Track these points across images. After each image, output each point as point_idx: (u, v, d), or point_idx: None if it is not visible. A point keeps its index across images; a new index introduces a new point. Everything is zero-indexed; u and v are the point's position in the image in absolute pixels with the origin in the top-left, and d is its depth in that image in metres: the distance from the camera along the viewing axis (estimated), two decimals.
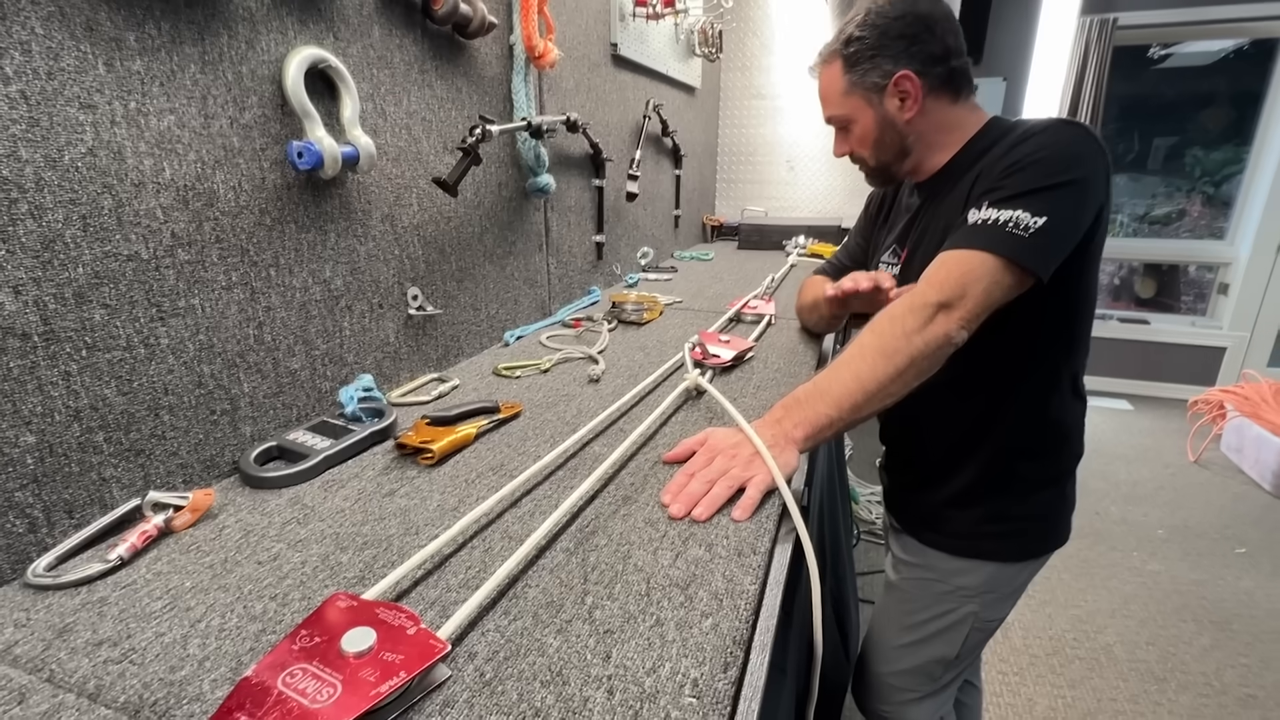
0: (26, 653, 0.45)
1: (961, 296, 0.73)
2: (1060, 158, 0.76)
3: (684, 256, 2.28)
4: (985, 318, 0.76)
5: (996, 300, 0.74)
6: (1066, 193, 0.74)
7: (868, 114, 0.92)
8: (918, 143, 0.92)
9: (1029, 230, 0.73)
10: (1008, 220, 0.74)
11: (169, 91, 0.61)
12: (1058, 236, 0.74)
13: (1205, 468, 2.93)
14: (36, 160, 0.52)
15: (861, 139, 0.94)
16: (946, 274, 0.75)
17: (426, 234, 0.99)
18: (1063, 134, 0.78)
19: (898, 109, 0.89)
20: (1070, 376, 0.90)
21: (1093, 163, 0.76)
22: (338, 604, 0.46)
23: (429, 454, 0.73)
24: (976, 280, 0.74)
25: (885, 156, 0.95)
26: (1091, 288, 0.86)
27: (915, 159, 0.94)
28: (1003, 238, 0.74)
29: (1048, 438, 0.92)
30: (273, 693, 0.39)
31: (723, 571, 0.55)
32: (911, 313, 0.74)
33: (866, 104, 0.91)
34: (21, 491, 0.53)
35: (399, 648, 0.42)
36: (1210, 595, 2.06)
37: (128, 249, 0.59)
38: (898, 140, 0.92)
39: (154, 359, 0.62)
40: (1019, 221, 0.73)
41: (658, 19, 1.68)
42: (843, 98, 0.93)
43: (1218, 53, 3.61)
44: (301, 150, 0.72)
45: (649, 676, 0.43)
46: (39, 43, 0.51)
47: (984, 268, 0.74)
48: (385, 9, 0.86)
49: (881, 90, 0.89)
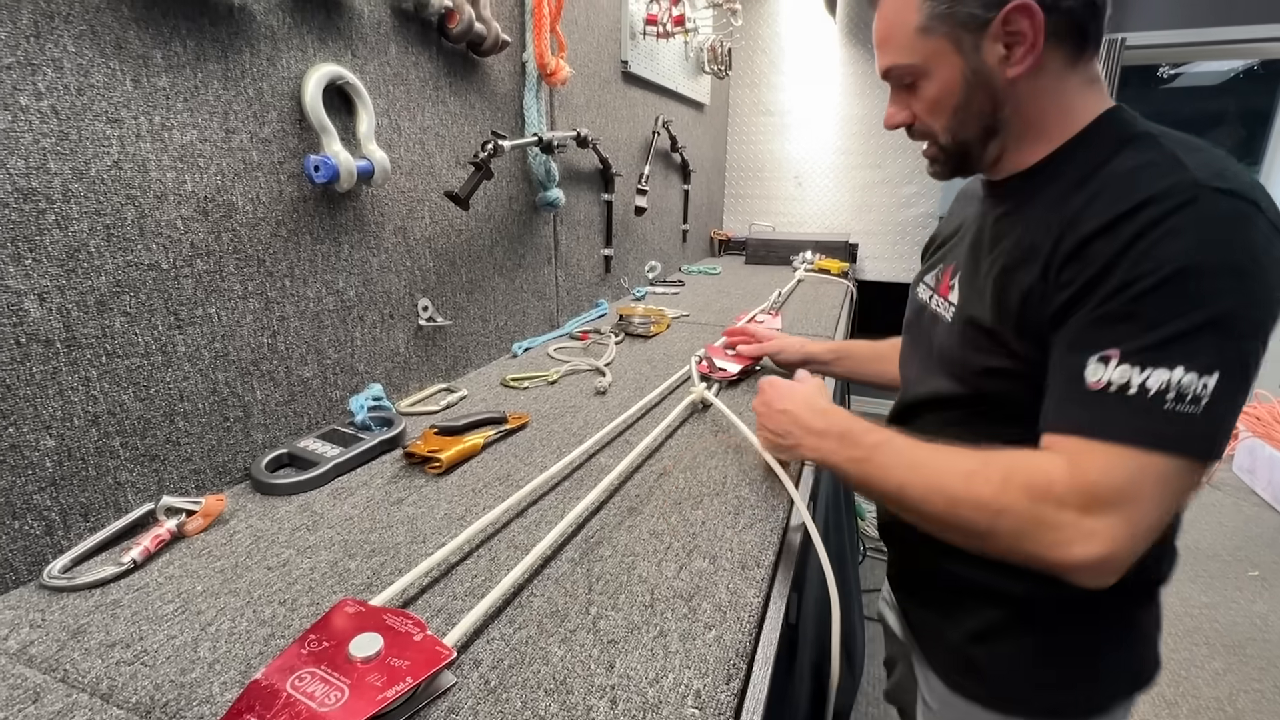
0: (41, 653, 0.46)
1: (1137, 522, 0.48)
2: (1229, 268, 0.48)
3: (691, 271, 2.29)
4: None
5: (1172, 513, 0.51)
6: (1243, 325, 0.48)
7: (953, 64, 0.61)
8: (1014, 118, 0.61)
9: (1201, 401, 0.47)
10: (1163, 389, 0.47)
11: (192, 107, 0.63)
12: (1233, 402, 0.48)
13: (1217, 488, 2.89)
14: (65, 172, 0.53)
15: (936, 102, 0.64)
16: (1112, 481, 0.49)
17: (438, 246, 1.01)
18: (1223, 225, 0.48)
19: (1001, 60, 0.59)
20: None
21: (1272, 265, 0.48)
22: (345, 610, 0.47)
23: (437, 463, 0.74)
24: (1156, 493, 0.48)
25: (968, 131, 0.64)
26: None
27: (1003, 144, 0.64)
28: (1166, 424, 0.48)
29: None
30: (281, 695, 0.39)
31: (726, 584, 0.55)
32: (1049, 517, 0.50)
33: (954, 48, 0.60)
34: (40, 494, 0.54)
35: (405, 653, 0.42)
36: (1223, 619, 2.03)
37: (149, 259, 0.60)
38: (990, 109, 0.62)
39: (171, 366, 0.64)
40: (1183, 390, 0.47)
41: (668, 37, 1.71)
42: (917, 37, 0.62)
43: (1227, 72, 3.61)
44: (318, 164, 0.74)
45: (652, 687, 0.44)
46: (70, 60, 0.53)
47: (1159, 474, 0.48)
48: (402, 27, 0.88)
49: (983, 28, 0.58)
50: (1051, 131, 0.61)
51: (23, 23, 0.50)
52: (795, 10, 2.66)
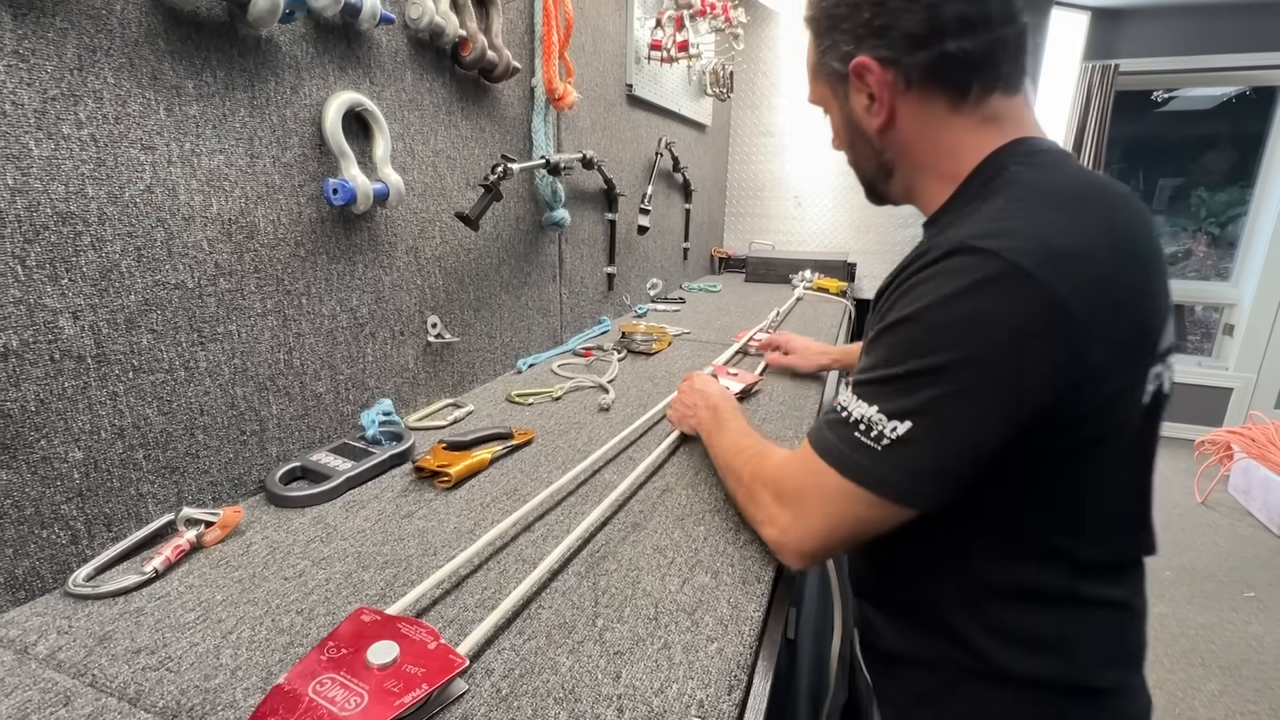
0: (70, 658, 0.47)
1: (804, 522, 0.55)
2: (944, 327, 0.48)
3: (692, 288, 2.32)
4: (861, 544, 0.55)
5: (853, 533, 0.53)
6: (947, 380, 0.47)
7: (834, 108, 0.66)
8: (900, 161, 0.63)
9: (882, 441, 0.49)
10: (859, 419, 0.51)
11: (220, 133, 0.66)
12: (925, 449, 0.48)
13: (1213, 509, 2.91)
14: (101, 197, 0.56)
15: (837, 138, 0.69)
16: (797, 480, 0.57)
17: (447, 265, 1.04)
18: (960, 283, 0.47)
19: (865, 110, 0.61)
20: (1068, 561, 0.54)
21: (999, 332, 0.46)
22: (362, 618, 0.49)
23: (446, 478, 0.76)
24: (821, 503, 0.54)
25: (865, 169, 0.68)
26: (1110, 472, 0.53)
27: (903, 183, 0.65)
28: (848, 448, 0.52)
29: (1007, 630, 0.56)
30: (303, 700, 0.41)
31: (728, 598, 0.57)
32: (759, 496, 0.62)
33: (832, 94, 0.65)
34: (67, 504, 0.56)
35: (420, 661, 0.44)
36: (1219, 639, 2.03)
37: (175, 278, 0.63)
38: (871, 153, 0.65)
39: (193, 381, 0.66)
40: (871, 424, 0.50)
41: (672, 62, 1.75)
42: (812, 80, 0.67)
43: (1220, 97, 3.68)
44: (337, 187, 0.77)
45: (657, 697, 0.45)
46: (110, 91, 0.56)
47: (829, 488, 0.53)
48: (418, 55, 0.92)
49: (844, 80, 0.61)
50: (947, 172, 0.60)
51: (68, 56, 0.53)
52: (796, 34, 2.72)
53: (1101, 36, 3.53)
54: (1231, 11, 3.33)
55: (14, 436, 0.52)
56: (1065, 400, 0.47)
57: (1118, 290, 0.47)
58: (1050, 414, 0.48)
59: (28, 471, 0.53)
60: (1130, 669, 0.58)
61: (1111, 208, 0.51)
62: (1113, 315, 0.47)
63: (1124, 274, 0.48)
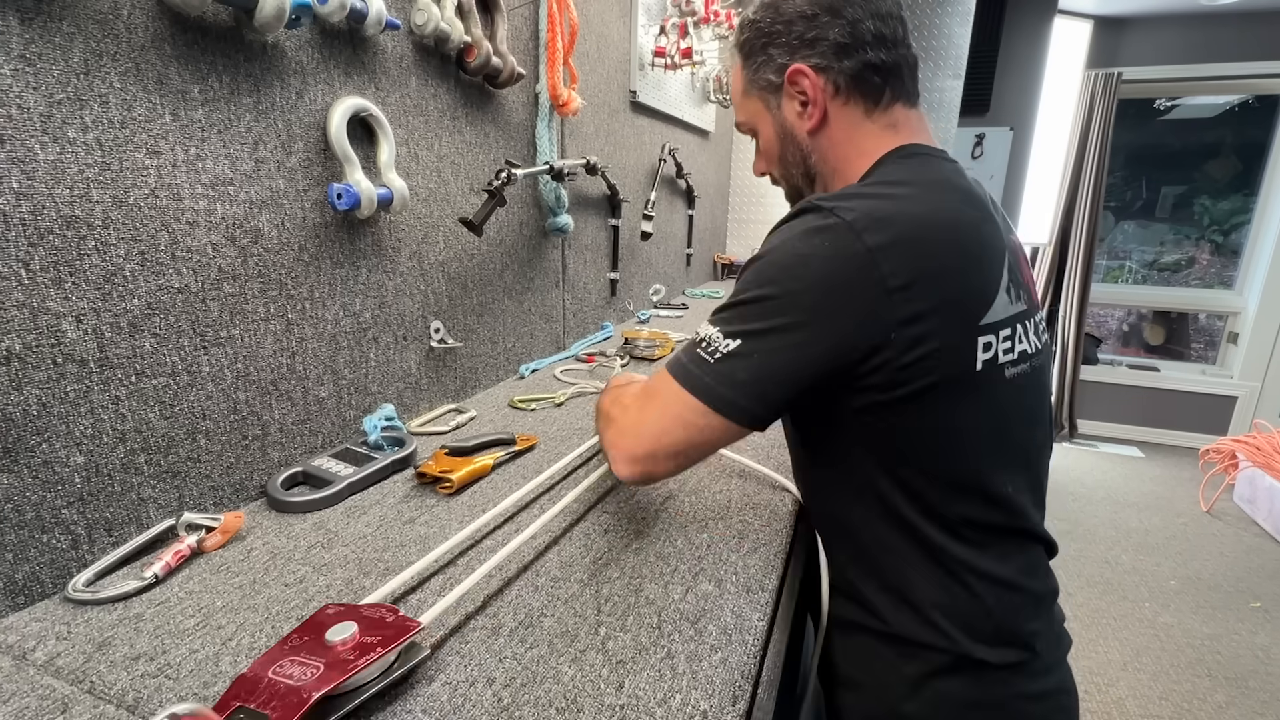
0: (68, 664, 0.47)
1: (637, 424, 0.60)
2: (780, 263, 0.56)
3: (695, 294, 2.32)
4: (685, 464, 0.61)
5: (681, 440, 0.58)
6: (772, 309, 0.54)
7: (767, 121, 0.72)
8: (822, 165, 0.70)
9: (716, 354, 0.56)
10: (704, 338, 0.58)
11: (225, 138, 0.66)
12: (748, 366, 0.55)
13: (1218, 518, 2.89)
14: (105, 201, 0.56)
15: (767, 153, 0.75)
16: (644, 392, 0.63)
17: (451, 270, 1.04)
18: (797, 230, 0.56)
19: (797, 116, 0.68)
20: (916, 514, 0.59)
21: (825, 269, 0.53)
22: (327, 612, 0.50)
23: (448, 484, 0.76)
24: (656, 407, 0.59)
25: (793, 178, 0.74)
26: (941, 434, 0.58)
27: (823, 188, 0.71)
28: (688, 360, 0.58)
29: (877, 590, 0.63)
30: (264, 681, 0.42)
31: (731, 607, 0.56)
32: (610, 412, 0.66)
33: (765, 108, 0.72)
34: (68, 509, 0.56)
35: (377, 632, 0.46)
36: (1225, 650, 2.02)
37: (179, 282, 0.63)
38: (800, 158, 0.71)
39: (195, 385, 0.66)
40: (710, 341, 0.57)
41: (675, 69, 1.76)
42: (743, 99, 0.74)
43: (1223, 105, 3.68)
44: (341, 192, 0.77)
45: (660, 707, 0.45)
46: (116, 95, 0.56)
47: (664, 393, 0.59)
48: (423, 61, 0.92)
49: (778, 90, 0.69)
50: (854, 173, 0.67)
51: (74, 60, 0.53)
52: None
53: (1104, 45, 3.54)
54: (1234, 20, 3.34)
55: (15, 440, 0.52)
56: (877, 349, 0.53)
57: (928, 259, 0.54)
58: (863, 358, 0.54)
59: (29, 476, 0.53)
60: (1016, 647, 0.60)
61: (946, 197, 0.60)
62: (922, 278, 0.53)
63: (938, 247, 0.55)
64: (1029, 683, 0.60)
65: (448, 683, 0.47)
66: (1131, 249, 4.03)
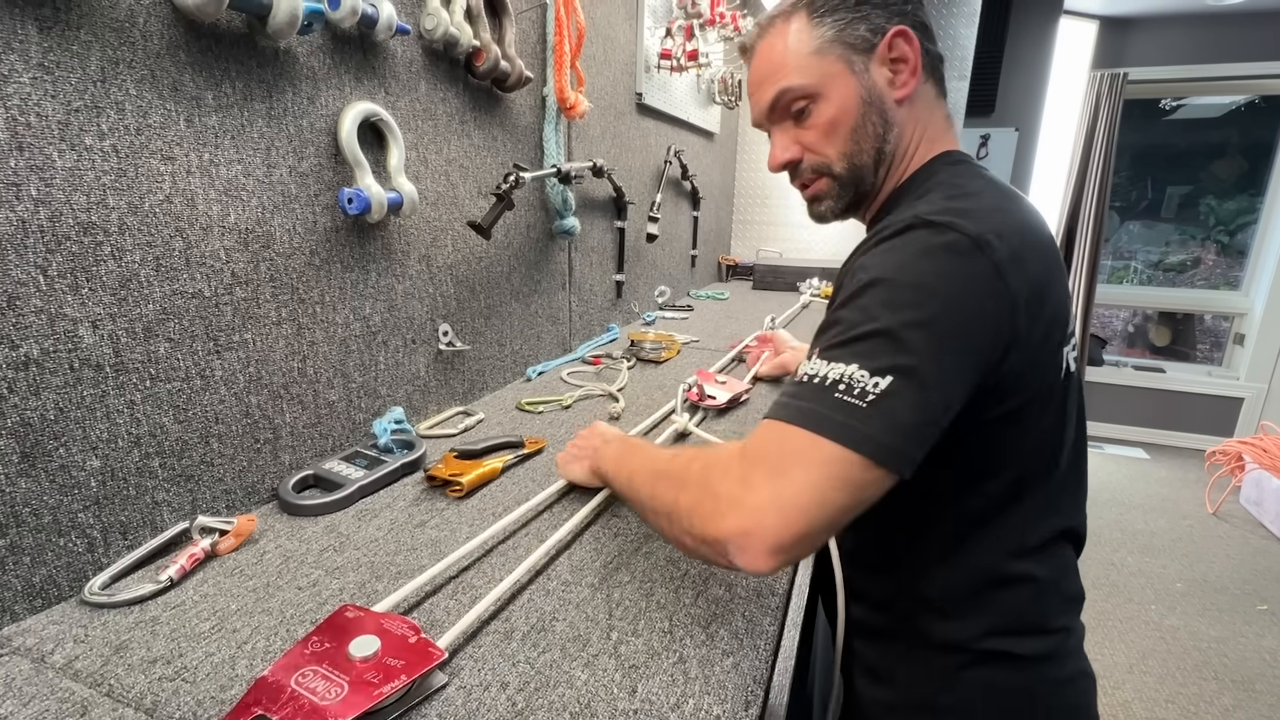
0: (86, 667, 0.48)
1: (785, 500, 0.46)
2: (912, 285, 0.50)
3: (700, 295, 2.32)
4: (834, 534, 0.54)
5: (840, 508, 0.46)
6: (919, 338, 0.48)
7: (848, 84, 0.63)
8: (900, 142, 0.65)
9: (868, 397, 0.47)
10: (837, 379, 0.48)
11: (238, 144, 0.66)
12: (908, 406, 0.47)
13: (1224, 520, 2.88)
14: (121, 207, 0.57)
15: (833, 124, 0.65)
16: (774, 457, 0.49)
17: (459, 273, 1.04)
18: (921, 249, 0.51)
19: (888, 83, 0.63)
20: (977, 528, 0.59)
21: (962, 290, 0.49)
22: (346, 614, 0.50)
23: (458, 487, 0.76)
24: (806, 475, 0.46)
25: (863, 155, 0.65)
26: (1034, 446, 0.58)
27: (886, 171, 0.66)
28: (829, 410, 0.47)
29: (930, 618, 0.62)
30: (286, 690, 0.42)
31: (742, 611, 0.57)
32: (720, 485, 0.50)
33: (847, 68, 0.63)
34: (84, 513, 0.56)
35: (401, 654, 0.46)
36: (1231, 653, 2.01)
37: (193, 287, 0.63)
38: (881, 130, 0.64)
39: (208, 390, 0.66)
40: (853, 383, 0.48)
41: (681, 71, 1.76)
42: (812, 59, 0.64)
43: (1229, 105, 3.67)
44: (351, 196, 0.77)
45: (673, 712, 0.45)
46: (132, 102, 0.56)
47: (813, 457, 0.47)
48: (432, 66, 0.92)
49: (870, 51, 0.62)
50: (908, 165, 0.66)
51: (91, 68, 0.53)
52: None
53: (1110, 45, 3.53)
54: (1240, 20, 3.32)
55: (33, 445, 0.52)
56: (1005, 366, 0.52)
57: (1036, 271, 0.53)
58: (993, 375, 0.52)
59: (46, 480, 0.53)
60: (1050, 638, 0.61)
61: (1027, 208, 0.59)
62: (1033, 290, 0.52)
63: (1039, 259, 0.54)
64: (1056, 669, 0.62)
65: (462, 687, 0.47)
66: (1137, 249, 4.02)
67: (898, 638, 0.65)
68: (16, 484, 0.51)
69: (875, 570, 0.67)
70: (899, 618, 0.64)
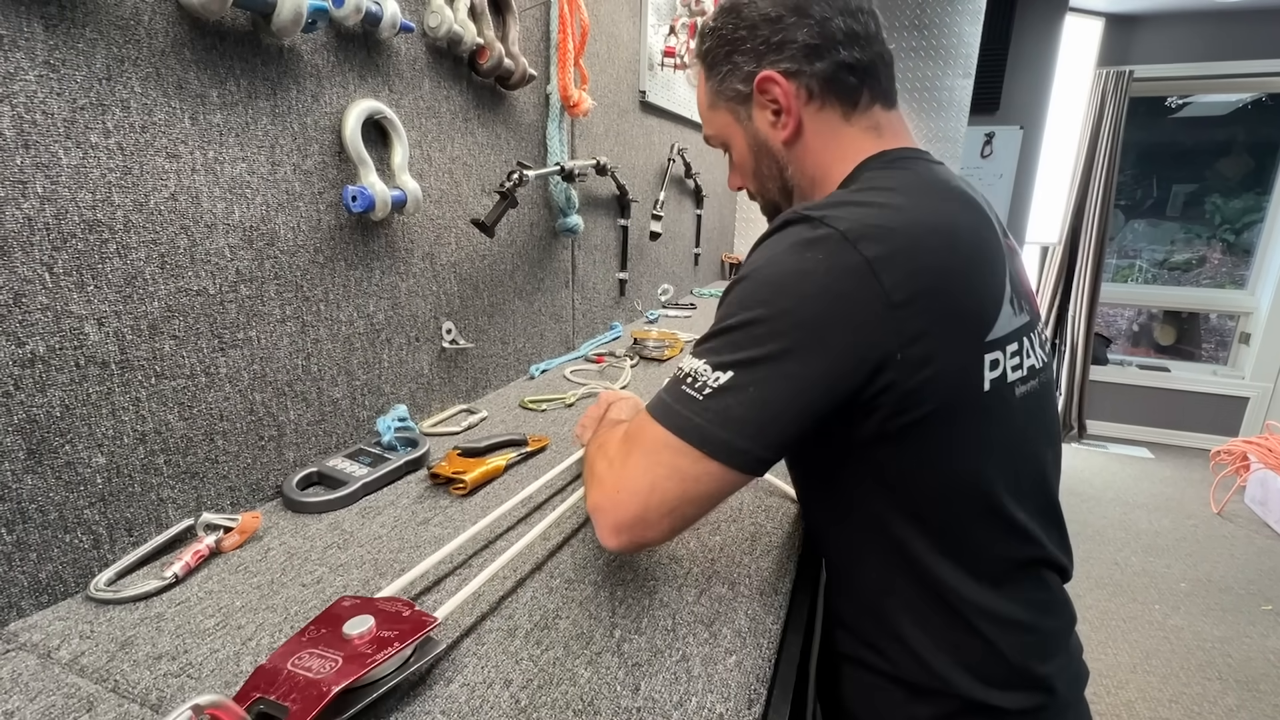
0: (92, 663, 0.48)
1: (624, 481, 0.51)
2: (770, 281, 0.50)
3: (703, 293, 2.32)
4: (681, 524, 0.52)
5: (674, 496, 0.49)
6: (764, 334, 0.48)
7: (738, 134, 0.68)
8: (799, 177, 0.65)
9: (705, 390, 0.49)
10: (689, 373, 0.51)
11: (243, 141, 0.66)
12: (743, 400, 0.48)
13: (1229, 520, 2.87)
14: (126, 204, 0.57)
15: (740, 168, 0.70)
16: (626, 441, 0.53)
17: (463, 271, 1.04)
18: (787, 244, 0.51)
19: (770, 126, 0.64)
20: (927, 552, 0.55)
21: (823, 286, 0.48)
22: (343, 604, 0.50)
23: (461, 484, 0.76)
24: (642, 459, 0.50)
25: (769, 193, 0.70)
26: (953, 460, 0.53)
27: (802, 200, 0.66)
28: (673, 400, 0.50)
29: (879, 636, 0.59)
30: (283, 672, 0.43)
31: (745, 610, 0.57)
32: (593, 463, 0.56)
33: (734, 120, 0.67)
34: (90, 509, 0.57)
35: (395, 626, 0.46)
36: (1236, 653, 2.00)
37: (197, 284, 0.64)
38: (776, 170, 0.67)
39: (213, 387, 0.66)
40: (697, 376, 0.50)
41: (685, 68, 1.76)
42: (710, 112, 0.70)
43: (1235, 102, 3.65)
44: (355, 194, 0.77)
45: (676, 710, 0.45)
46: (137, 100, 0.57)
47: (650, 441, 0.50)
48: (436, 63, 0.92)
49: (747, 100, 0.65)
50: (835, 180, 0.63)
51: (97, 66, 0.53)
52: None
53: (1115, 42, 3.51)
54: (1247, 17, 3.30)
55: (40, 442, 0.52)
56: (881, 370, 0.48)
57: (929, 270, 0.49)
58: (867, 382, 0.49)
59: (52, 476, 0.53)
60: (1032, 691, 0.56)
61: (944, 203, 0.55)
62: (923, 291, 0.48)
63: (938, 257, 0.50)
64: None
65: (465, 684, 0.47)
66: (1142, 248, 4.00)
67: (875, 672, 0.60)
68: (23, 480, 0.52)
69: (844, 596, 0.64)
70: (871, 651, 0.60)
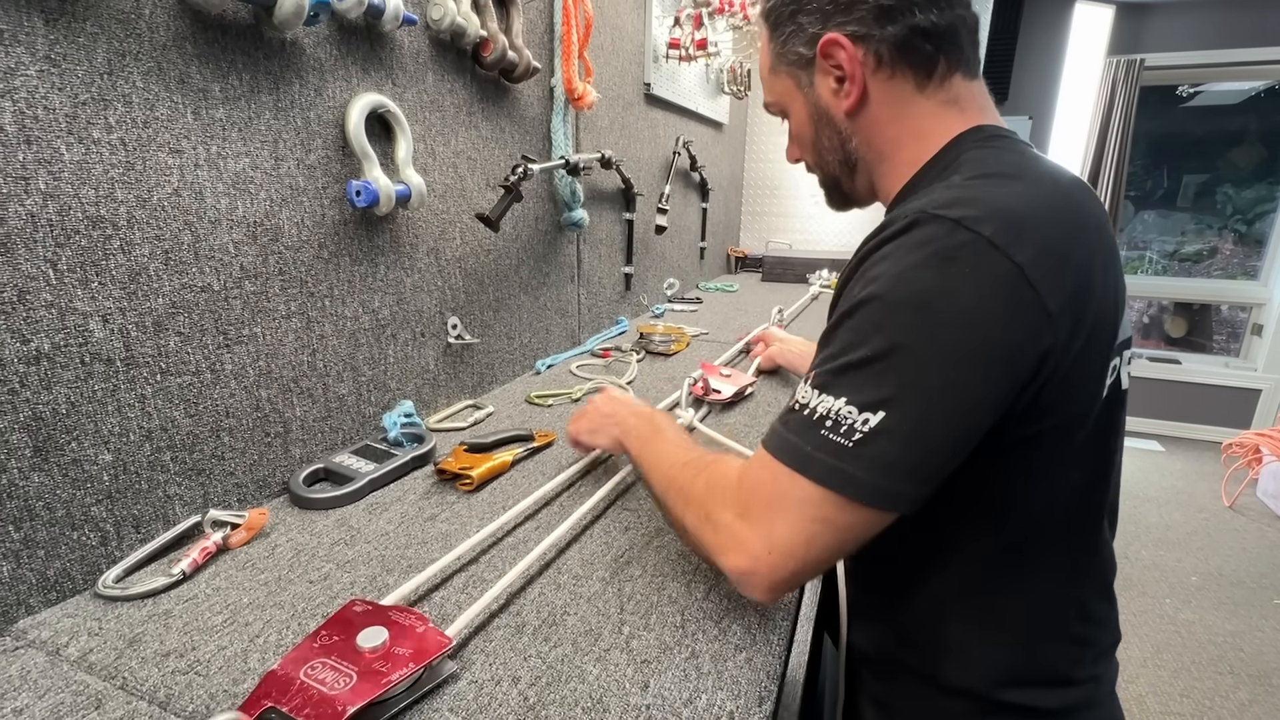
0: (100, 660, 0.48)
1: (775, 543, 0.46)
2: (911, 302, 0.44)
3: (709, 288, 2.31)
4: (833, 562, 0.49)
5: (830, 547, 0.46)
6: (919, 360, 0.43)
7: (797, 101, 0.63)
8: (865, 150, 0.61)
9: (854, 435, 0.43)
10: (825, 414, 0.45)
11: (246, 136, 0.66)
12: (904, 441, 0.43)
13: (1241, 513, 2.84)
14: (129, 200, 0.56)
15: (798, 138, 0.66)
16: (764, 494, 0.48)
17: (467, 266, 1.04)
18: (923, 253, 0.45)
19: (833, 94, 0.59)
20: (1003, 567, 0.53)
21: (972, 304, 0.43)
22: (354, 608, 0.50)
23: (468, 480, 0.76)
24: (791, 517, 0.46)
25: (829, 166, 0.65)
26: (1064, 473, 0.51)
27: (867, 176, 0.63)
28: (814, 448, 0.45)
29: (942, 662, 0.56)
30: (296, 682, 0.42)
31: (755, 606, 0.56)
32: (719, 517, 0.50)
33: (795, 86, 0.62)
34: (97, 506, 0.57)
35: (409, 643, 0.46)
36: (1248, 647, 1.99)
37: (202, 281, 0.63)
38: (838, 143, 0.62)
39: (218, 384, 0.66)
40: (840, 420, 0.44)
41: (690, 60, 1.74)
42: (771, 77, 0.65)
43: (1247, 91, 3.60)
44: (359, 189, 0.77)
45: (686, 707, 0.45)
46: (139, 95, 0.56)
47: (798, 498, 0.45)
48: (439, 56, 0.92)
49: (809, 65, 0.60)
50: (910, 158, 0.58)
51: (98, 61, 0.53)
52: None
53: (1126, 31, 3.47)
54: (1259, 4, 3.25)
55: (46, 439, 0.52)
56: (1037, 387, 0.45)
57: (1075, 265, 0.45)
58: (1017, 395, 0.45)
59: (59, 474, 0.53)
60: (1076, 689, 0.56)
61: (1068, 188, 0.50)
62: (1072, 289, 0.45)
63: (1080, 249, 0.46)
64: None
65: (474, 681, 0.47)
66: (1152, 239, 3.96)
67: (903, 670, 0.59)
68: (30, 478, 0.52)
69: (878, 591, 0.61)
70: (904, 649, 0.58)
